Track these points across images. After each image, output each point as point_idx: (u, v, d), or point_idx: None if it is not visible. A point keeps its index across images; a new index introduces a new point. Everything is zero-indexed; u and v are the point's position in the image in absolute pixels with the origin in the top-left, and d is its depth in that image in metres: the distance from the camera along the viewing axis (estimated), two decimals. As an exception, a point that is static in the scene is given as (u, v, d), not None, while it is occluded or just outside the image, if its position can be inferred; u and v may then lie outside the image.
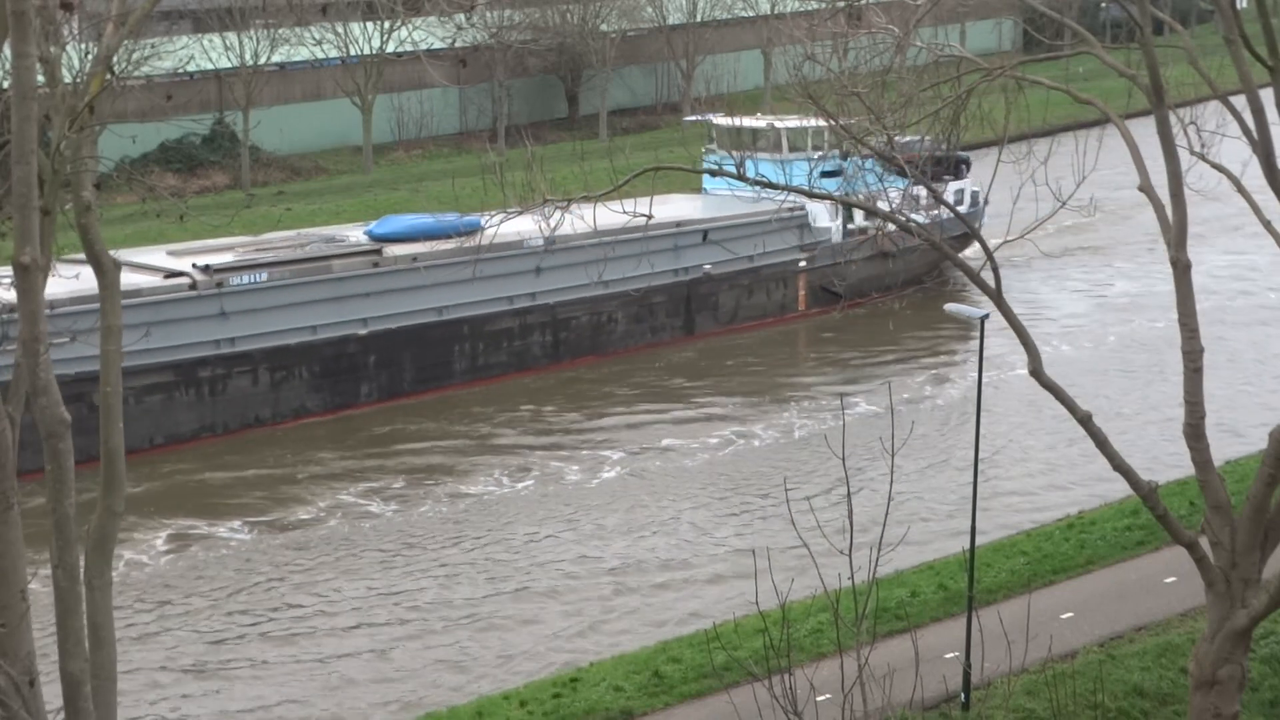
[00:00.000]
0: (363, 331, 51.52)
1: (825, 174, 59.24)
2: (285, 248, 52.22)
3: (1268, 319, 59.71)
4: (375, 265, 52.19)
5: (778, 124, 63.09)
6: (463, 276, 50.69)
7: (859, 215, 62.52)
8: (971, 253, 52.41)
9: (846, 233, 63.18)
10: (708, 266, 59.04)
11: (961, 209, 63.93)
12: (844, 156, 52.01)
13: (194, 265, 49.45)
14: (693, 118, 75.06)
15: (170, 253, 51.76)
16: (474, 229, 56.23)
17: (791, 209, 59.93)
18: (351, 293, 51.41)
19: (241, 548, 40.39)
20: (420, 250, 51.20)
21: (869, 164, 46.13)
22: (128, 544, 38.87)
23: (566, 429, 49.43)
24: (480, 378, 54.23)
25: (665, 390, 53.51)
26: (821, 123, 57.11)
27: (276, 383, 50.07)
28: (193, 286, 48.55)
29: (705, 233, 59.23)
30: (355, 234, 54.62)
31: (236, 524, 41.74)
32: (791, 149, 61.41)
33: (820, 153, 56.24)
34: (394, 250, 52.59)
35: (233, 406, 49.36)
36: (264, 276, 49.86)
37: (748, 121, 64.87)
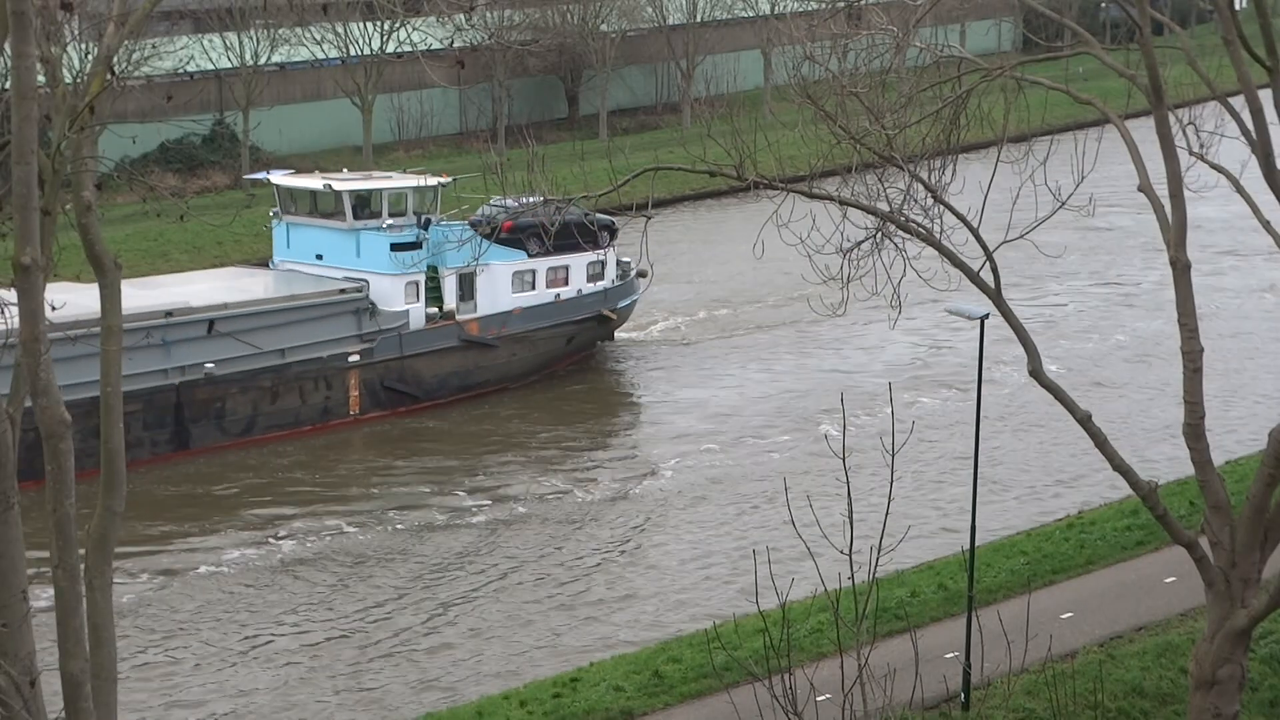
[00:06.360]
0: None
1: (398, 246, 50.33)
2: None
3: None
4: None
5: (338, 185, 51.87)
6: None
7: (450, 298, 52.30)
8: (971, 253, 52.13)
9: (429, 318, 52.03)
10: (210, 365, 47.14)
11: (600, 285, 55.05)
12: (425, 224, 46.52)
13: None
14: (256, 175, 63.41)
15: None
16: None
17: (346, 290, 50.29)
18: None
19: None
20: None
21: (464, 233, 42.23)
22: None
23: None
24: None
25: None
26: (403, 183, 50.91)
27: None
28: None
29: (211, 323, 47.36)
30: None
31: None
32: (364, 214, 51.47)
33: (400, 218, 50.51)
34: None
35: None
36: None
37: (302, 182, 54.04)
